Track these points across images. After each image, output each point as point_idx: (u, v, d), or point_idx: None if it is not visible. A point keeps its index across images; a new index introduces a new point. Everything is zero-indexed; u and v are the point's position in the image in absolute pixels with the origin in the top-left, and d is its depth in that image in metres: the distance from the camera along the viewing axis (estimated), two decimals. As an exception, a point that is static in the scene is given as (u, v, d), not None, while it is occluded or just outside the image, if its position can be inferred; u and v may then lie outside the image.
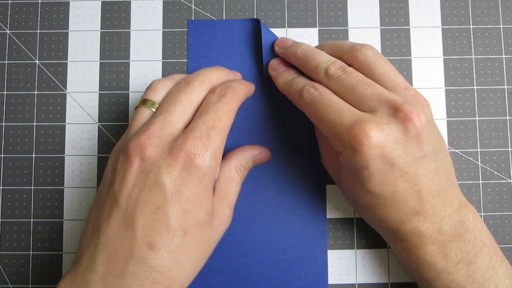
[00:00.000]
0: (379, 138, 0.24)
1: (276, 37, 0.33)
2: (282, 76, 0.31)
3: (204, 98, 0.28)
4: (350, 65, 0.28)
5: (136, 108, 0.28)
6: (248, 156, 0.30)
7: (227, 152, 0.30)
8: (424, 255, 0.27)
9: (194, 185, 0.24)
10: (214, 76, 0.29)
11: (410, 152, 0.25)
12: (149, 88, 0.28)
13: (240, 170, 0.30)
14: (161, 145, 0.25)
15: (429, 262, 0.27)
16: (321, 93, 0.27)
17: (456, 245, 0.26)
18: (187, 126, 0.26)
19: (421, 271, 0.27)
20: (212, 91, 0.28)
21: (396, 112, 0.25)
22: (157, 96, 0.28)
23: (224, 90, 0.27)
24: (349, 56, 0.29)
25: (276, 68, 0.31)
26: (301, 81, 0.29)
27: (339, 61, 0.28)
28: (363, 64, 0.28)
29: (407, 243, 0.27)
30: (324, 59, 0.28)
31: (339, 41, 0.30)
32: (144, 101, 0.28)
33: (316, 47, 0.31)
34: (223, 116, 0.26)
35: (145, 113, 0.27)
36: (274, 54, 0.32)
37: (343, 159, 0.26)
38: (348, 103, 0.27)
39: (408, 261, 0.28)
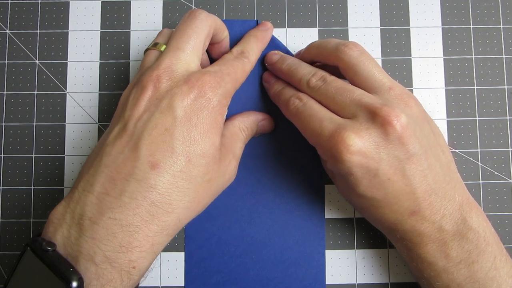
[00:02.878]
0: (358, 144, 0.25)
1: (277, 42, 0.33)
2: (272, 87, 0.32)
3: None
4: (336, 65, 0.29)
5: (146, 51, 0.29)
6: (251, 120, 0.31)
7: (230, 116, 0.31)
8: (425, 254, 0.27)
9: (203, 114, 0.25)
10: (214, 17, 0.29)
11: (394, 155, 0.25)
12: (159, 34, 0.30)
13: (244, 130, 0.30)
14: (177, 77, 0.26)
15: (429, 261, 0.27)
16: (304, 104, 0.28)
17: (458, 244, 0.26)
18: (199, 64, 0.27)
19: (421, 269, 0.27)
20: (229, 52, 0.29)
21: (374, 116, 0.25)
22: (167, 40, 0.29)
23: (240, 54, 0.29)
24: (334, 57, 0.29)
25: (267, 80, 0.32)
26: (288, 92, 0.30)
27: (320, 71, 0.29)
28: (347, 65, 0.28)
29: (407, 242, 0.27)
30: (306, 72, 0.29)
31: (325, 40, 0.31)
32: (154, 45, 0.29)
33: (306, 47, 0.32)
34: (238, 71, 0.28)
35: (155, 54, 0.28)
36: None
37: (329, 166, 0.27)
38: (331, 111, 0.27)
39: (409, 259, 0.28)
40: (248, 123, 0.31)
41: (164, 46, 0.28)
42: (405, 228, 0.26)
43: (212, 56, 0.32)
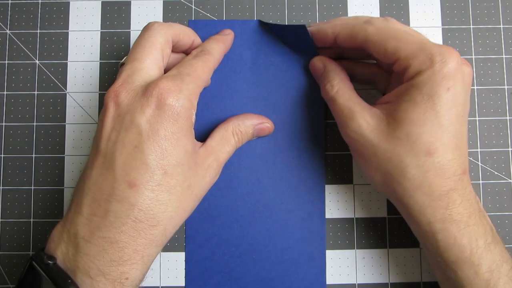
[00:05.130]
0: (462, 61, 0.26)
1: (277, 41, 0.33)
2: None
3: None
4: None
5: (119, 66, 0.30)
6: (247, 124, 0.31)
7: (228, 117, 0.31)
8: (475, 226, 0.26)
9: (169, 123, 0.25)
10: (173, 24, 0.29)
11: (467, 106, 0.27)
12: None
13: (237, 134, 0.30)
14: (135, 89, 0.26)
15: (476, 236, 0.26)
16: (388, 20, 0.28)
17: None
18: (159, 73, 0.27)
19: (464, 246, 0.26)
20: (189, 54, 0.29)
21: (449, 54, 0.26)
22: None
23: (200, 52, 0.29)
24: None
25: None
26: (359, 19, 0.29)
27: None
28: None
29: (460, 209, 0.26)
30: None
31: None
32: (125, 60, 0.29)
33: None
34: (198, 68, 0.27)
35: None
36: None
37: (419, 79, 0.25)
38: (404, 55, 0.26)
39: (447, 235, 0.26)
40: (243, 127, 0.30)
41: None
42: (462, 185, 0.26)
43: None
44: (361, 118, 0.27)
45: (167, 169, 0.25)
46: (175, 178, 0.25)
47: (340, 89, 0.29)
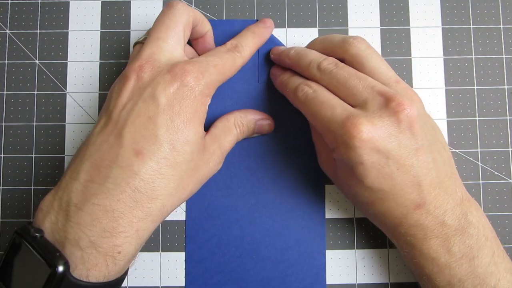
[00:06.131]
0: (371, 131, 0.25)
1: (276, 41, 0.33)
2: (278, 77, 0.31)
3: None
4: (342, 60, 0.29)
5: (135, 45, 0.29)
6: (249, 118, 0.31)
7: (229, 111, 0.31)
8: (427, 250, 0.26)
9: (186, 103, 0.25)
10: (196, 10, 0.29)
11: (405, 144, 0.25)
12: (149, 29, 0.30)
13: (239, 126, 0.30)
14: (160, 66, 0.26)
15: (432, 257, 0.26)
16: (315, 91, 0.28)
17: (460, 239, 0.26)
18: (181, 53, 0.28)
19: (423, 266, 0.27)
20: (223, 44, 0.29)
21: (388, 103, 0.25)
22: None
23: (233, 48, 0.29)
24: (341, 50, 0.29)
25: (274, 73, 0.32)
26: (296, 80, 0.30)
27: (330, 57, 0.29)
28: (354, 57, 0.28)
29: (410, 238, 0.27)
30: (316, 56, 0.29)
31: (330, 35, 0.31)
32: (144, 39, 0.29)
33: (309, 43, 0.32)
34: (227, 64, 0.28)
35: (141, 47, 0.28)
36: (269, 63, 0.33)
37: (337, 156, 0.27)
38: (341, 97, 0.27)
39: (411, 256, 0.28)
40: (246, 120, 0.31)
41: None
42: (410, 222, 0.26)
43: (197, 51, 0.32)
44: (323, 162, 0.31)
45: (175, 145, 0.25)
46: (182, 155, 0.25)
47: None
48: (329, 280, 0.32)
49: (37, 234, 0.23)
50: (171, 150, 0.25)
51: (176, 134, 0.25)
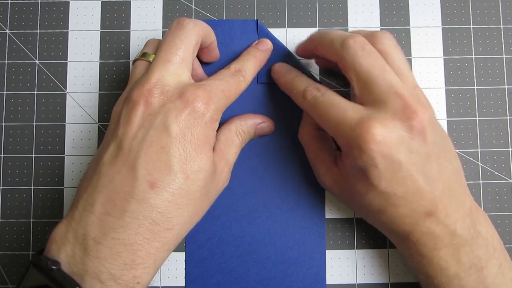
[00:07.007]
0: (384, 134, 0.24)
1: (277, 41, 0.33)
2: (283, 76, 0.31)
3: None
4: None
5: (134, 61, 0.28)
6: (249, 123, 0.31)
7: (228, 118, 0.31)
8: (437, 260, 0.26)
9: (197, 130, 0.25)
10: (202, 24, 0.28)
11: (417, 150, 0.25)
12: (146, 44, 0.29)
13: (241, 134, 0.30)
14: (170, 91, 0.25)
15: (441, 267, 0.26)
16: (323, 94, 0.27)
17: (469, 249, 0.26)
18: (189, 76, 0.27)
19: (432, 276, 0.27)
20: (227, 67, 0.29)
21: (403, 107, 0.25)
22: (155, 50, 0.28)
23: (237, 72, 0.29)
24: (369, 41, 0.28)
25: (278, 71, 0.32)
26: (303, 82, 0.29)
27: (359, 36, 0.27)
28: (380, 52, 0.27)
29: (421, 247, 0.26)
30: (342, 33, 0.28)
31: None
32: (142, 55, 0.28)
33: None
34: (232, 88, 0.28)
35: (144, 66, 0.28)
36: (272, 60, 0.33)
37: (350, 160, 0.26)
38: (357, 85, 0.26)
39: (420, 266, 0.27)
40: (246, 127, 0.31)
41: (153, 56, 0.28)
42: (421, 229, 0.26)
43: (202, 59, 0.32)
44: (324, 176, 0.30)
45: (189, 174, 0.25)
46: (195, 183, 0.25)
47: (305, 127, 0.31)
48: (329, 280, 0.32)
49: (53, 267, 0.23)
50: (185, 180, 0.25)
51: (189, 163, 0.25)
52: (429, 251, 0.26)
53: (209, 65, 0.33)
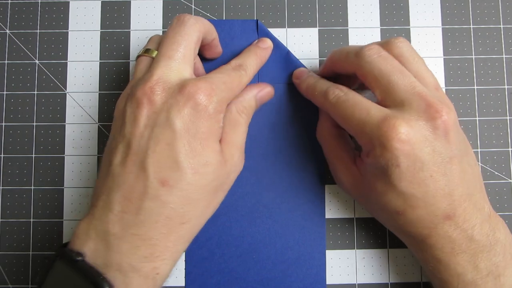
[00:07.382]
0: (409, 133, 0.24)
1: (277, 41, 0.33)
2: (305, 81, 0.31)
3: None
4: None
5: (138, 57, 0.29)
6: (247, 97, 0.30)
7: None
8: (454, 265, 0.26)
9: (201, 123, 0.25)
10: (203, 21, 0.29)
11: (439, 151, 0.25)
12: (150, 40, 0.30)
13: (243, 111, 0.30)
14: (171, 87, 0.26)
15: (458, 273, 0.26)
16: (346, 94, 0.27)
17: (487, 256, 0.26)
18: (191, 72, 0.27)
19: (448, 282, 0.26)
20: (228, 63, 0.29)
21: (426, 107, 0.25)
22: (158, 46, 0.28)
23: (238, 67, 0.29)
24: (384, 48, 0.28)
25: (299, 76, 0.32)
26: (325, 84, 0.29)
27: (373, 44, 0.28)
28: (397, 57, 0.27)
29: (437, 252, 0.26)
30: (356, 46, 0.28)
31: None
32: (145, 51, 0.28)
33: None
34: (234, 81, 0.28)
35: (147, 62, 0.28)
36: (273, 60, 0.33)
37: (371, 159, 0.26)
38: (377, 92, 0.26)
39: (436, 271, 0.27)
40: (245, 102, 0.30)
41: (155, 52, 0.28)
42: (439, 233, 0.26)
43: (204, 56, 0.32)
44: (342, 175, 0.30)
45: (197, 169, 0.25)
46: (204, 177, 0.25)
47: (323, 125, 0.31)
48: (329, 280, 0.32)
49: (78, 258, 0.24)
50: (194, 175, 0.25)
51: (196, 158, 0.25)
52: (446, 255, 0.26)
53: (209, 65, 0.33)
